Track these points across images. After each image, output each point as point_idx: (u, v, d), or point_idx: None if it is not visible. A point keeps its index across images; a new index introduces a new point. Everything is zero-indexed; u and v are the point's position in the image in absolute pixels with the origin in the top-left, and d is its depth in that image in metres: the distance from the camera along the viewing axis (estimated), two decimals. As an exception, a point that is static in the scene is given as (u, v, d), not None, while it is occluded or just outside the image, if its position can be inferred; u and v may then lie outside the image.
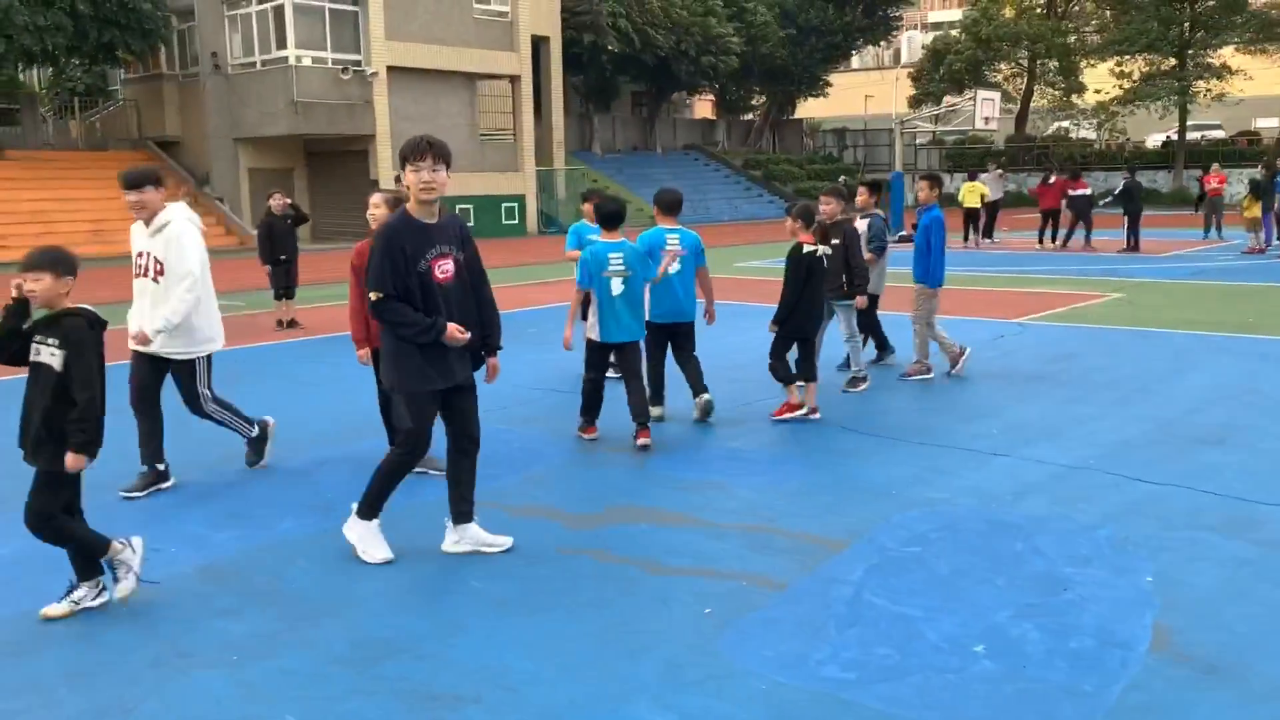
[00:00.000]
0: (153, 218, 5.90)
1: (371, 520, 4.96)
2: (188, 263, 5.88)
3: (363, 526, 4.96)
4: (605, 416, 7.46)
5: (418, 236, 4.73)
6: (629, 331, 7.00)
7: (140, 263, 5.99)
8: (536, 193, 33.97)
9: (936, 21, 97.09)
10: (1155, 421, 7.28)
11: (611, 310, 6.95)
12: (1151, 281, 16.05)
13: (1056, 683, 3.64)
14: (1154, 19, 40.39)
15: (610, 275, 6.94)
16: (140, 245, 5.99)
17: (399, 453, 4.95)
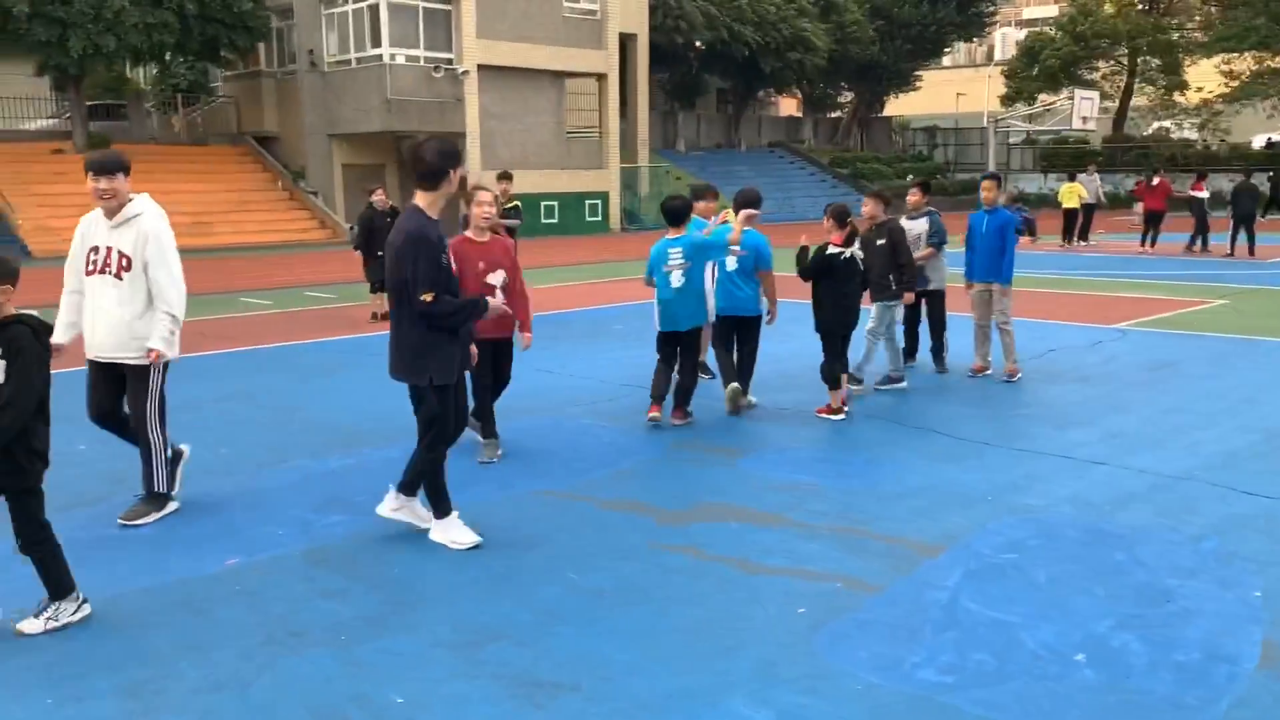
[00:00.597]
0: (120, 208, 5.30)
1: (448, 516, 5.11)
2: (173, 264, 5.38)
3: (442, 524, 5.11)
4: (698, 416, 7.54)
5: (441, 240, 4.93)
6: (691, 320, 7.36)
7: (96, 258, 5.30)
8: (620, 190, 34.15)
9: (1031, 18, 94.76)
10: (1262, 433, 7.06)
11: (669, 302, 7.31)
12: (1258, 288, 15.50)
13: (1160, 695, 3.58)
14: (1263, 14, 38.86)
15: (670, 269, 7.28)
16: (99, 239, 5.31)
17: (435, 446, 5.05)
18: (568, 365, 9.91)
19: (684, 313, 7.32)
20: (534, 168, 31.09)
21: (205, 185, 28.84)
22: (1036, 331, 11.27)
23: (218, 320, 13.63)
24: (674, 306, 7.31)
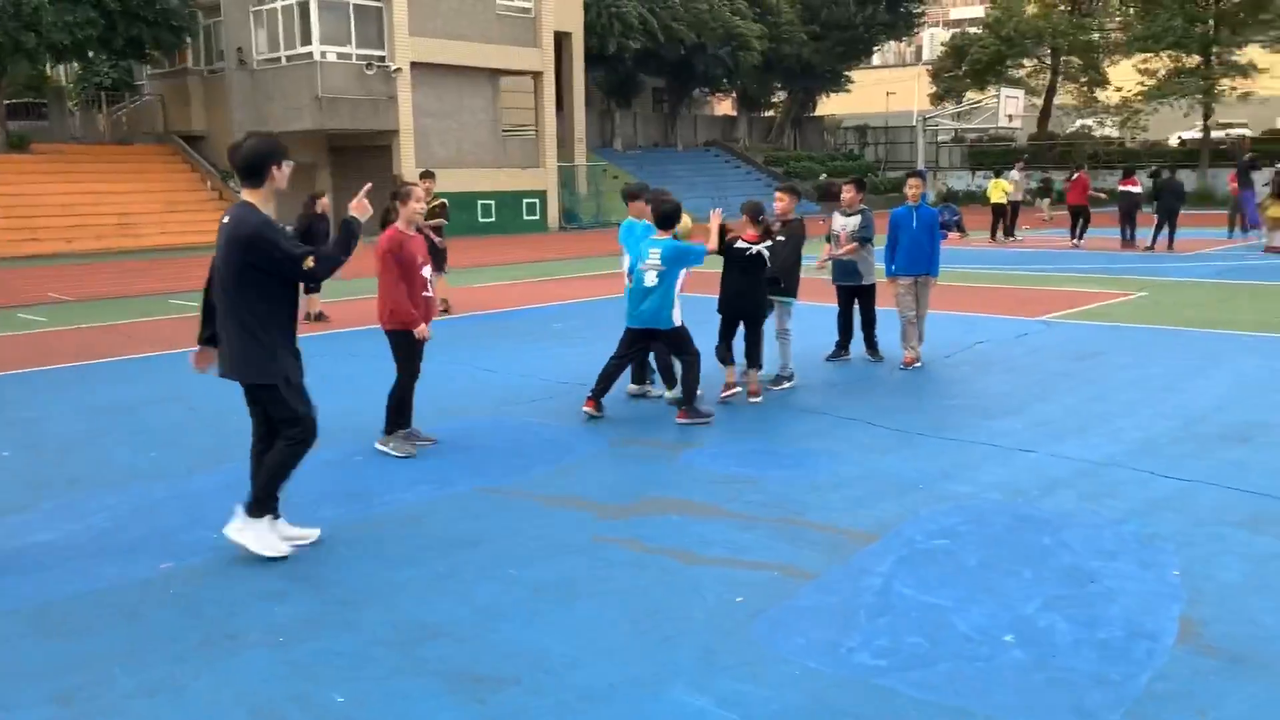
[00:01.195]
0: None
1: (263, 518, 4.88)
2: None
3: (256, 525, 4.86)
4: (631, 412, 7.60)
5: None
6: (647, 321, 7.40)
7: None
8: (558, 189, 34.09)
9: (958, 18, 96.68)
10: (1181, 419, 7.32)
11: (638, 299, 7.40)
12: (1176, 281, 16.01)
13: (1085, 671, 3.72)
14: (1178, 16, 40.11)
15: (646, 268, 7.33)
16: None
17: (295, 443, 4.88)
18: (508, 363, 9.90)
19: (643, 311, 7.38)
20: (470, 166, 30.92)
21: (131, 185, 28.18)
22: (965, 324, 11.54)
23: (148, 323, 13.36)
24: (637, 303, 7.41)
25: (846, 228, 9.35)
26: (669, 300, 7.38)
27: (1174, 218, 21.04)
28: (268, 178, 4.82)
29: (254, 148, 4.82)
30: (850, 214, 9.45)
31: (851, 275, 9.46)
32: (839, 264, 9.54)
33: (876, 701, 3.55)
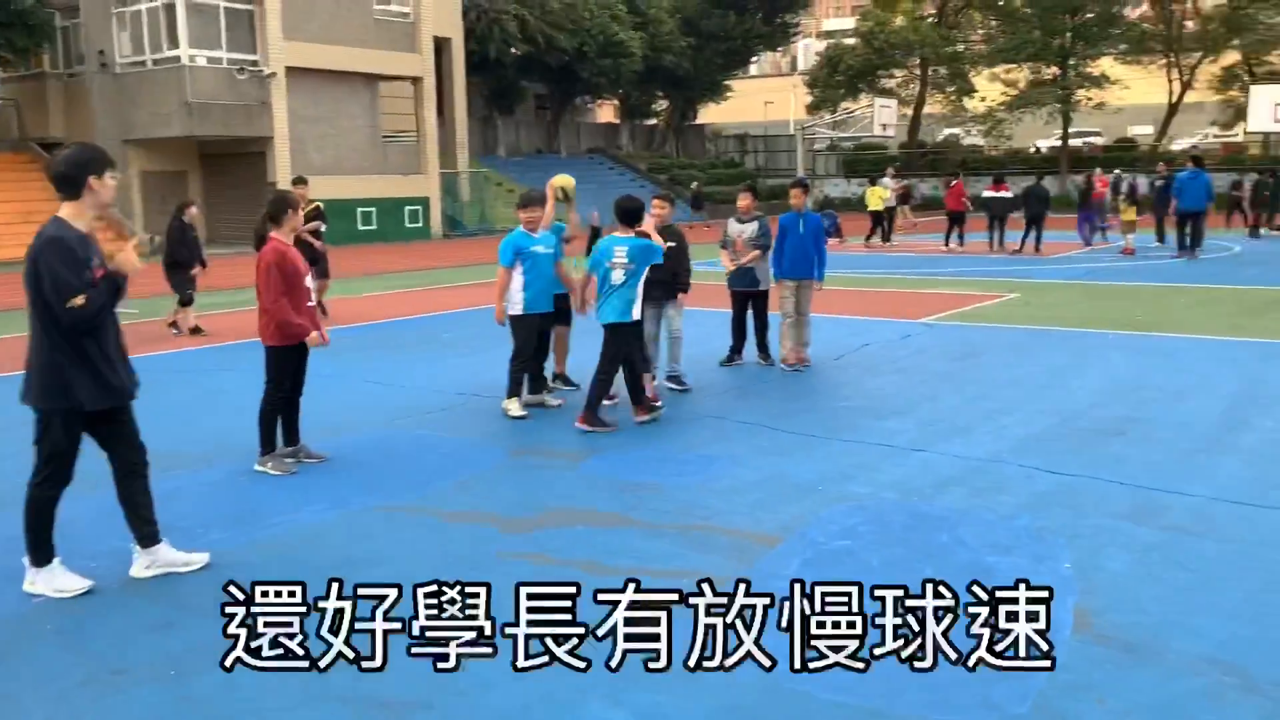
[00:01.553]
0: None
1: (49, 564, 4.60)
2: None
3: (44, 573, 4.58)
4: (529, 423, 7.52)
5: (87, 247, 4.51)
6: (624, 314, 7.48)
7: None
8: (440, 195, 33.63)
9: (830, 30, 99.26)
10: (1059, 415, 7.63)
11: (608, 296, 7.49)
12: (1045, 282, 16.74)
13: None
14: (1037, 29, 42.11)
15: (614, 266, 7.47)
16: None
17: (49, 485, 4.59)
18: (399, 376, 9.68)
19: (611, 307, 7.47)
20: (349, 173, 30.24)
21: (-17, 194, 26.59)
22: (851, 327, 11.81)
23: (7, 340, 12.58)
24: (609, 302, 7.49)
25: (743, 234, 9.49)
26: (634, 297, 7.51)
27: (1040, 222, 22.01)
28: (85, 189, 4.42)
29: (69, 156, 4.45)
30: (746, 221, 9.57)
31: (748, 281, 9.58)
32: (737, 269, 9.64)
33: (792, 706, 3.57)
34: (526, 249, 7.77)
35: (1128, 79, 43.64)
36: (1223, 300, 14.07)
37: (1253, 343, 10.56)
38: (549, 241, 7.92)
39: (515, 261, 7.76)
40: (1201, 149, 29.97)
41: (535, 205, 7.93)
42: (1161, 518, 5.37)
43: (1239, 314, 12.65)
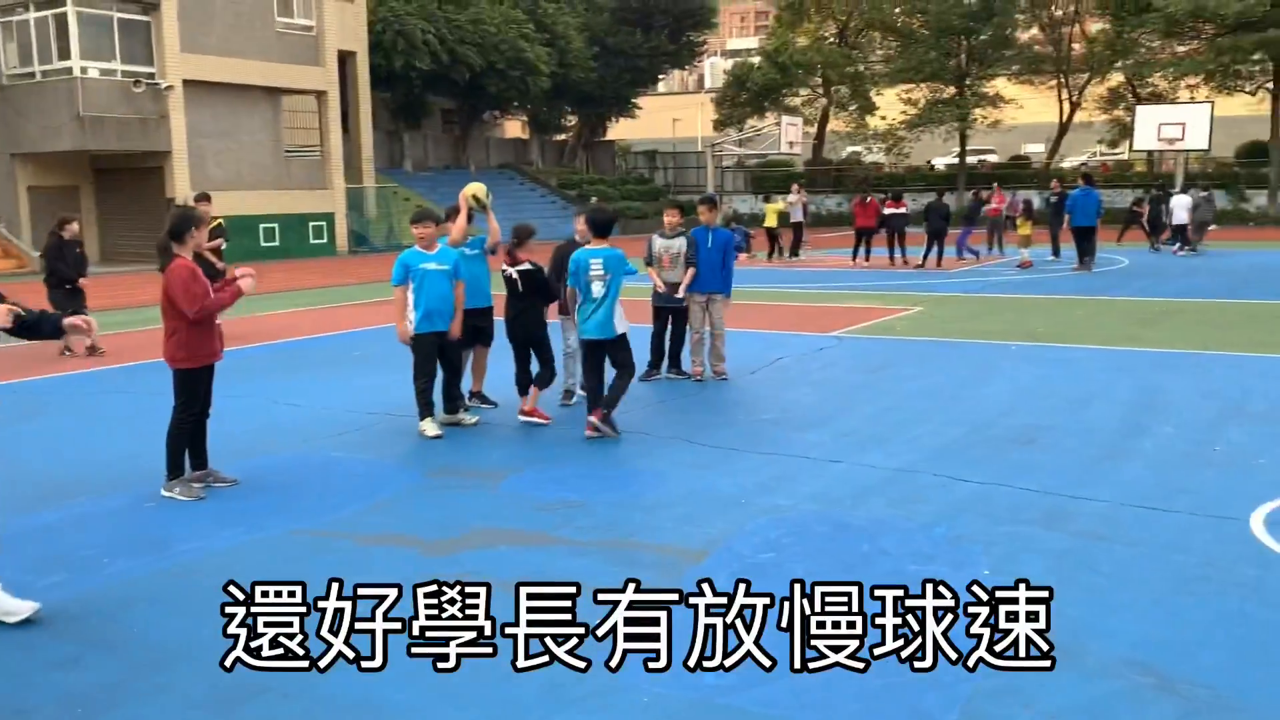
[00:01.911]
0: None
1: None
2: None
3: None
4: (447, 441, 7.41)
5: None
6: (601, 330, 7.53)
7: None
8: (346, 211, 33.04)
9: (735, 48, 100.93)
10: (970, 425, 7.82)
11: (586, 311, 7.58)
12: (948, 295, 17.19)
13: (921, 676, 3.85)
14: (934, 50, 43.45)
15: (591, 280, 7.56)
16: None
17: None
18: (308, 396, 9.43)
19: (592, 323, 7.55)
20: (250, 188, 29.52)
21: None
22: (765, 341, 11.94)
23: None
24: (586, 316, 7.58)
25: (670, 250, 9.53)
26: (614, 309, 7.56)
27: (941, 237, 22.62)
28: None
29: None
30: (672, 237, 9.62)
31: (672, 297, 9.61)
32: (668, 285, 9.54)
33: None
34: (416, 267, 7.64)
35: (1021, 99, 45.32)
36: (1116, 311, 14.65)
37: (1147, 352, 11.00)
38: (445, 258, 7.73)
39: (406, 280, 7.65)
40: (1092, 166, 31.17)
41: (427, 221, 7.81)
42: (1072, 523, 5.53)
43: (1132, 324, 13.18)
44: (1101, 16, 43.53)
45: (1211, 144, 32.28)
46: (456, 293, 7.80)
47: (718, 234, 9.75)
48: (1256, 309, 14.54)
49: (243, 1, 29.01)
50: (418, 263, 7.66)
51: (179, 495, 6.16)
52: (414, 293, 7.64)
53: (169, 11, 27.04)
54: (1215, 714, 3.61)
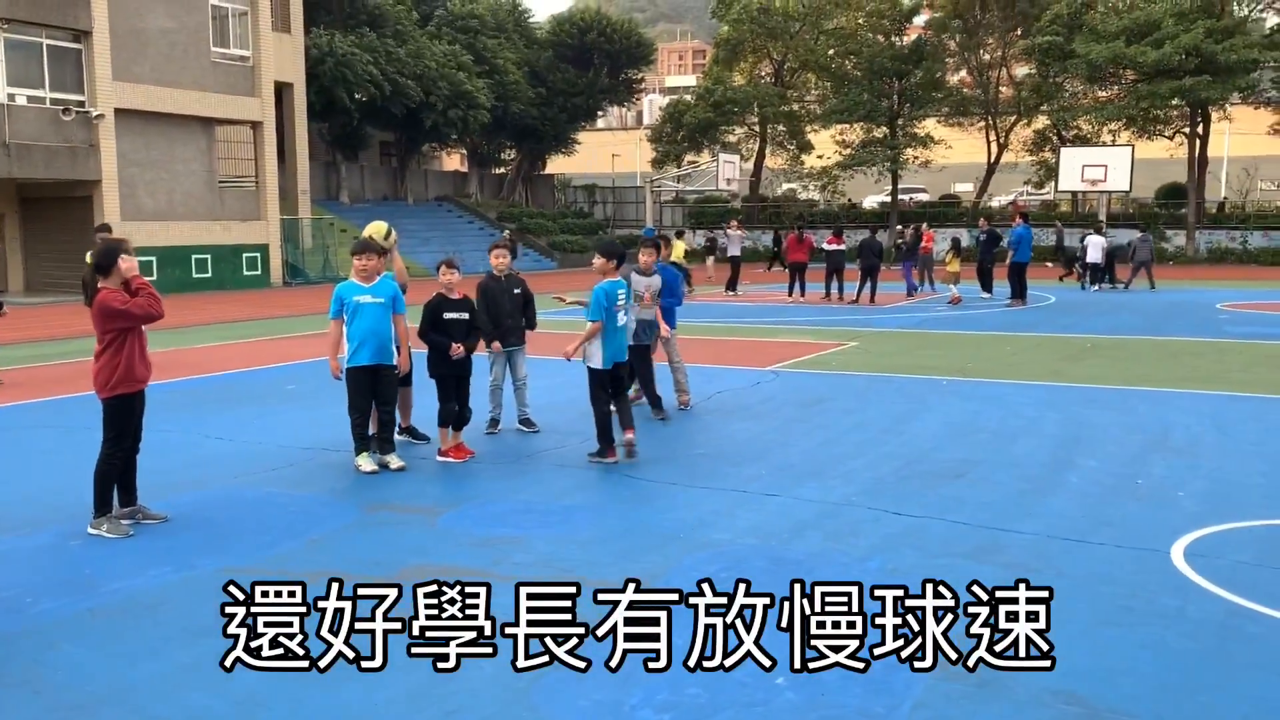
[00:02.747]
0: None
1: None
2: None
3: None
4: (382, 478, 7.35)
5: None
6: (623, 354, 8.09)
7: None
8: (280, 242, 32.64)
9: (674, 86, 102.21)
10: (903, 459, 7.96)
11: (614, 339, 7.90)
12: (881, 331, 17.51)
13: (852, 706, 3.91)
14: (867, 91, 44.51)
15: (619, 309, 7.93)
16: None
17: None
18: (241, 430, 9.27)
19: (621, 347, 8.04)
20: (183, 219, 29.07)
21: None
22: (703, 375, 12.02)
23: None
24: (615, 344, 7.92)
25: (651, 288, 9.58)
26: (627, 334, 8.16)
27: (875, 274, 23.07)
28: None
29: None
30: (650, 275, 9.68)
31: (648, 334, 9.67)
32: (640, 323, 9.52)
33: (665, 757, 3.56)
34: (350, 299, 7.51)
35: (950, 139, 46.55)
36: (1044, 347, 15.04)
37: (1073, 387, 11.31)
38: (383, 291, 7.58)
39: (341, 313, 7.54)
40: (1021, 205, 32.16)
41: (368, 253, 7.62)
42: (1002, 555, 5.66)
43: (1059, 360, 13.54)
44: (1027, 61, 44.98)
45: (1133, 185, 33.41)
46: (398, 327, 7.69)
47: (664, 271, 9.88)
48: (1176, 345, 15.04)
49: (178, 31, 28.70)
50: (352, 295, 7.52)
51: (106, 533, 6.02)
52: (348, 326, 7.53)
53: (100, 39, 26.63)
54: (1139, 741, 3.71)
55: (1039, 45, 40.95)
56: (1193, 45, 35.86)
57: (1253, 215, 43.00)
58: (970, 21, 45.42)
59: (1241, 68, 36.86)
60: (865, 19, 45.75)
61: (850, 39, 45.91)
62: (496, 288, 8.86)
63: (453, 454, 7.95)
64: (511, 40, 47.33)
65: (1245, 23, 40.07)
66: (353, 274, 7.69)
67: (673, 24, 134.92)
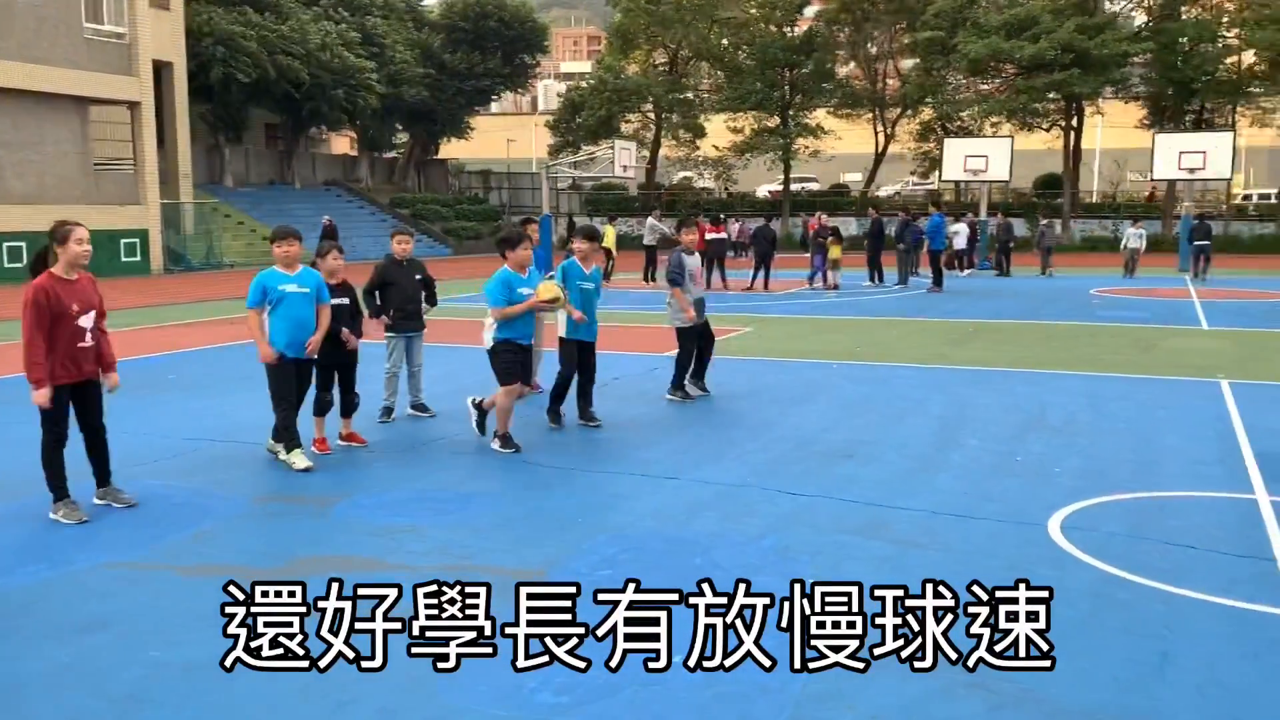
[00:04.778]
0: None
1: None
2: None
3: None
4: (274, 469, 7.18)
5: None
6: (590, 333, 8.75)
7: None
8: (161, 228, 31.42)
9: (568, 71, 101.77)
10: (796, 441, 8.13)
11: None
12: (774, 317, 17.80)
13: (749, 682, 3.98)
14: (759, 81, 45.11)
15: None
16: None
17: None
18: (122, 421, 8.85)
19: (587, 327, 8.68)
20: (55, 202, 27.67)
21: None
22: (601, 361, 11.99)
23: None
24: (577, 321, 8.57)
25: (698, 266, 9.99)
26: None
27: (767, 261, 23.43)
28: None
29: None
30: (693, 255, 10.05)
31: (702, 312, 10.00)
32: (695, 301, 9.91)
33: (563, 738, 3.57)
34: (275, 288, 7.14)
35: (840, 130, 47.53)
36: (930, 331, 15.51)
37: (957, 369, 11.71)
38: (307, 280, 7.27)
39: (263, 302, 7.16)
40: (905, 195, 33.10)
41: (289, 239, 7.25)
42: (889, 531, 5.83)
43: (943, 344, 13.99)
44: (913, 55, 46.19)
45: (1012, 175, 34.64)
46: (321, 318, 7.35)
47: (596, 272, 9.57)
48: (1053, 329, 15.69)
49: (46, 5, 27.29)
50: (277, 284, 7.12)
51: (62, 518, 5.97)
52: (271, 316, 7.12)
53: (-39, 12, 25.18)
54: (1021, 706, 3.88)
55: (923, 40, 42.07)
56: (1066, 41, 37.35)
57: (1123, 205, 45.08)
58: (859, 14, 46.38)
59: (1112, 62, 38.56)
60: (757, 9, 46.32)
61: (743, 29, 46.43)
62: (398, 272, 8.76)
63: (352, 439, 7.88)
64: (403, 21, 46.41)
65: (1115, 19, 41.92)
66: (276, 263, 7.27)
67: (567, 9, 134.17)
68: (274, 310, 7.14)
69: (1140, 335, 14.87)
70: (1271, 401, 9.67)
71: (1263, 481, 6.85)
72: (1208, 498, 6.55)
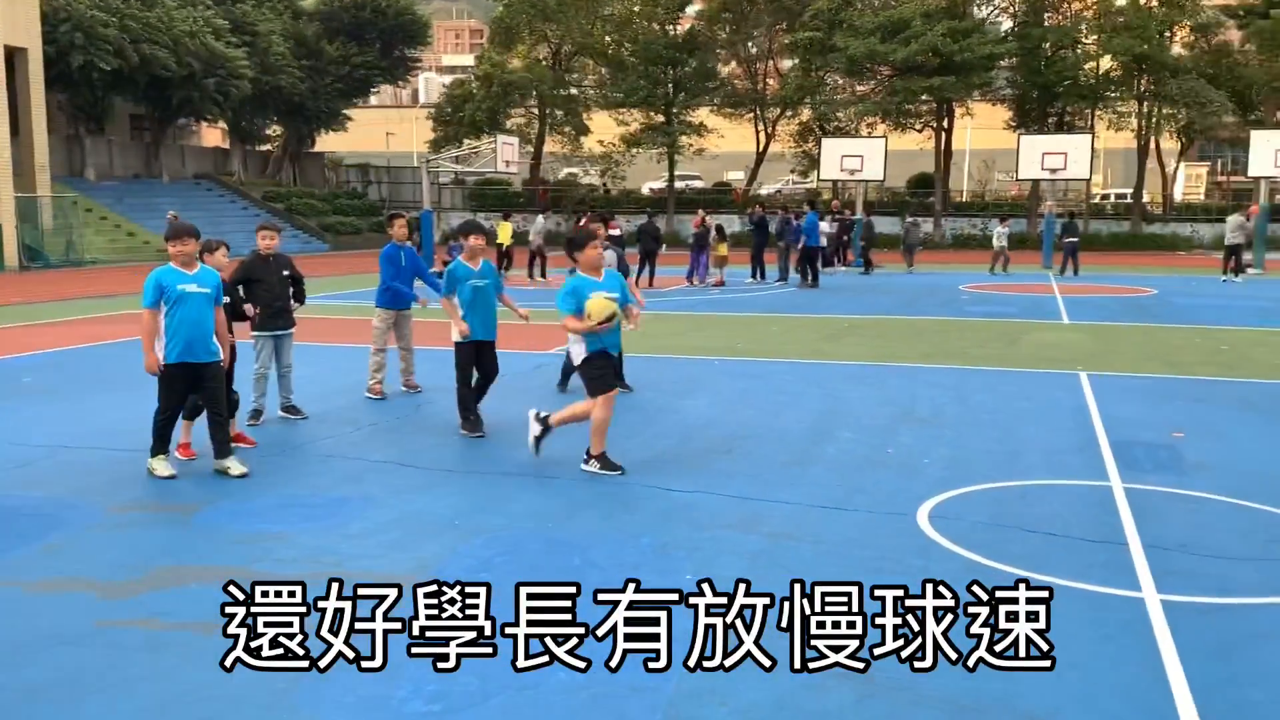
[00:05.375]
0: None
1: None
2: None
3: None
4: (135, 477, 6.85)
5: None
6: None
7: None
8: (16, 223, 29.73)
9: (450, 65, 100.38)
10: (677, 437, 8.18)
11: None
12: (658, 313, 17.87)
13: (623, 682, 3.96)
14: (643, 78, 45.32)
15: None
16: None
17: None
18: None
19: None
20: (-107, 195, 25.94)
21: None
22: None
23: None
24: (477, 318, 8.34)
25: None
26: None
27: (652, 258, 23.55)
28: None
29: None
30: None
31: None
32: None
33: (433, 747, 3.50)
34: (172, 288, 6.73)
35: (722, 129, 48.10)
36: (807, 327, 15.83)
37: (832, 364, 11.97)
38: (207, 280, 6.91)
39: (159, 302, 6.74)
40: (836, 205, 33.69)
41: (185, 237, 6.84)
42: (765, 525, 5.91)
43: (820, 340, 14.29)
44: (792, 55, 47.04)
45: (886, 175, 35.60)
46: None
47: (406, 251, 9.86)
48: (923, 324, 16.20)
49: (-119, -18, 25.51)
50: (175, 283, 6.72)
51: None
52: (167, 318, 6.72)
53: None
54: (889, 694, 3.97)
55: (801, 40, 42.88)
56: (935, 44, 38.61)
57: (991, 204, 46.87)
58: (739, 14, 46.99)
59: (980, 65, 40.02)
60: (640, 6, 46.47)
61: (626, 25, 46.53)
62: (264, 269, 8.46)
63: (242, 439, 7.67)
64: (277, 10, 44.98)
65: (983, 24, 43.51)
66: (171, 260, 6.85)
67: (449, 1, 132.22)
68: (170, 311, 6.73)
69: (1006, 329, 15.46)
70: (1126, 392, 10.17)
71: (1117, 470, 7.20)
72: (1066, 485, 6.84)
